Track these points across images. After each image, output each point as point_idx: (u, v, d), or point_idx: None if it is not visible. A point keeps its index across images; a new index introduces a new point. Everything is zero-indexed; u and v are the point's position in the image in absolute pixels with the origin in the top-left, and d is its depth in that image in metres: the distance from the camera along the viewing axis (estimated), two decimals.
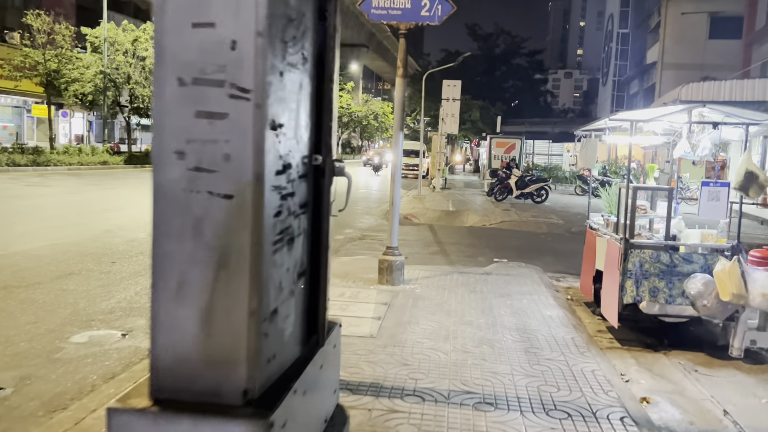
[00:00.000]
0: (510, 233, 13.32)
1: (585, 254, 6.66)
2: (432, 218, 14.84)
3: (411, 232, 12.67)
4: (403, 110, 6.68)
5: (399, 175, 6.76)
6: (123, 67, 29.97)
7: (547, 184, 19.69)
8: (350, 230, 12.52)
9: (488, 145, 24.24)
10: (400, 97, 6.63)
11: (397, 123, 6.65)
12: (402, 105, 6.63)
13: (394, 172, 6.76)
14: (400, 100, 6.62)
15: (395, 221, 6.88)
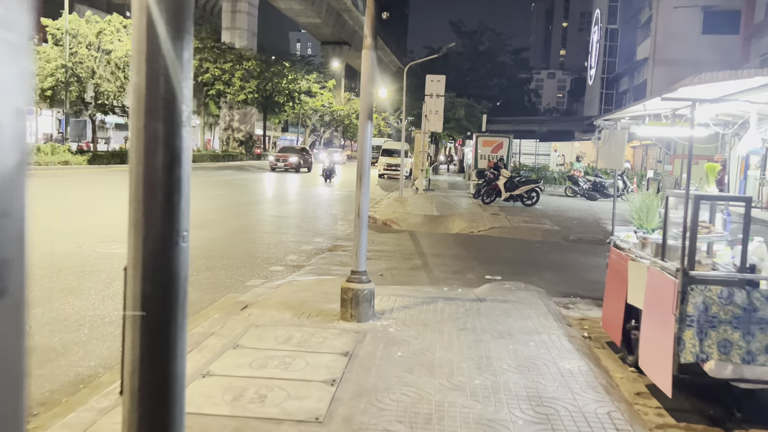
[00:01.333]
0: (501, 242, 11.83)
1: (609, 281, 5.16)
2: (414, 224, 13.32)
3: (390, 241, 11.13)
4: (371, 93, 5.13)
5: (366, 178, 5.21)
6: (86, 60, 28.07)
7: (538, 185, 18.29)
8: (321, 239, 10.96)
9: (474, 143, 22.79)
10: (367, 73, 5.09)
11: (364, 109, 5.11)
12: (369, 84, 5.09)
13: (360, 173, 5.20)
14: (368, 77, 5.07)
15: (362, 237, 5.32)
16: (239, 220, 13.04)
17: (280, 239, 10.77)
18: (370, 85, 5.08)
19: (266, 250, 9.65)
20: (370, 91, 5.08)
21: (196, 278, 7.40)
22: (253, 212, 14.58)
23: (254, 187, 22.57)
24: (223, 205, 15.75)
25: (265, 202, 17.57)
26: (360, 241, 5.27)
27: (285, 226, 12.58)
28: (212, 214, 13.63)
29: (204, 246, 9.53)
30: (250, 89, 40.39)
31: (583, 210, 18.09)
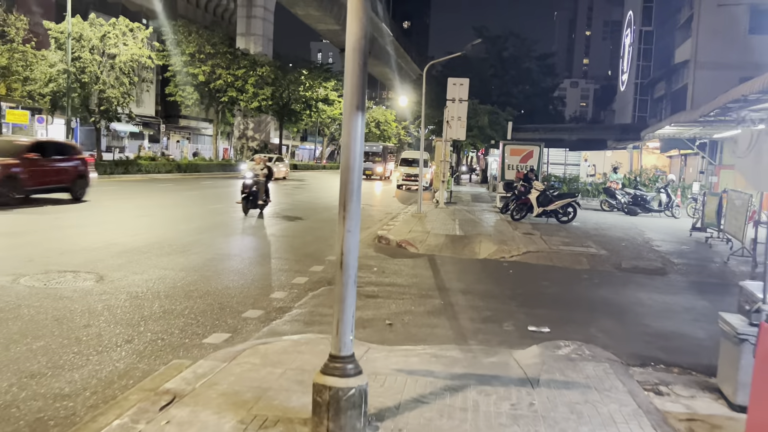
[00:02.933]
0: (540, 271, 9.76)
1: (761, 381, 3.09)
2: (434, 247, 11.30)
3: (404, 270, 9.13)
4: (362, 63, 3.16)
5: (355, 203, 3.24)
6: (90, 65, 26.61)
7: (575, 200, 16.16)
8: (320, 267, 9.01)
9: (501, 152, 20.72)
10: (356, 34, 3.14)
11: (351, 92, 3.15)
12: (358, 53, 3.13)
13: (346, 196, 3.23)
14: (357, 41, 3.12)
15: (347, 302, 3.34)
16: (228, 241, 11.15)
17: (271, 268, 8.83)
18: (359, 55, 3.13)
19: (249, 283, 7.71)
20: (361, 61, 3.13)
21: (138, 332, 5.50)
22: (248, 232, 12.68)
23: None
24: (217, 222, 13.89)
25: (266, 219, 15.70)
26: (344, 308, 3.30)
27: (281, 248, 10.64)
28: (199, 233, 11.78)
29: (173, 279, 7.64)
30: (264, 96, 38.78)
31: (626, 228, 15.90)
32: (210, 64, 37.27)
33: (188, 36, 36.76)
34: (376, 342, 5.51)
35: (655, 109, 36.99)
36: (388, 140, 75.55)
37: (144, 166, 30.30)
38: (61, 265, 8.18)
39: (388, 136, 75.80)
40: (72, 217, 13.27)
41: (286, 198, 22.04)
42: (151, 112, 49.90)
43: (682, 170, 31.41)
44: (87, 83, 26.80)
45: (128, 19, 29.08)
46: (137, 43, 28.34)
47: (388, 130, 75.07)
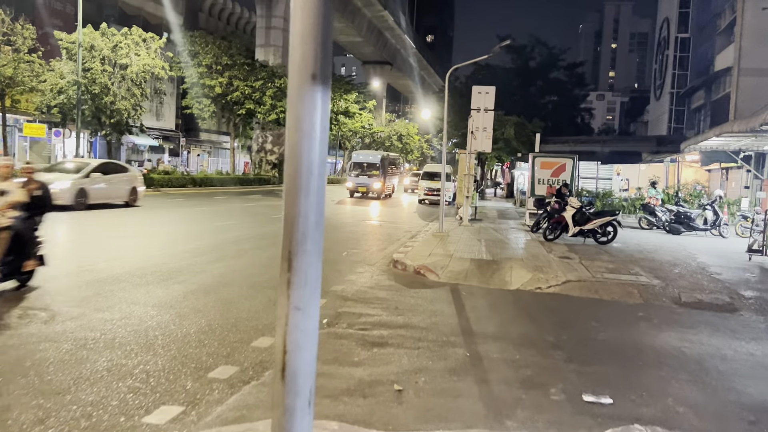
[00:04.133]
0: (585, 307, 8.19)
1: None
2: (457, 273, 9.79)
3: (421, 307, 7.64)
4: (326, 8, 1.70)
5: (311, 257, 1.76)
6: (99, 76, 25.74)
7: (616, 218, 14.50)
8: (321, 301, 7.56)
9: (531, 165, 19.13)
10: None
11: (298, 49, 1.68)
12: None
13: (292, 244, 1.76)
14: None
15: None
16: (224, 266, 9.77)
17: (265, 299, 7.41)
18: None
19: (232, 325, 6.30)
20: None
21: (62, 404, 4.10)
22: (248, 253, 11.31)
23: (271, 216, 19.43)
24: (218, 242, 12.56)
25: (271, 238, 14.34)
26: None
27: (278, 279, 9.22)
28: (194, 256, 10.45)
29: (139, 319, 6.28)
30: (282, 108, 37.70)
31: (674, 250, 14.19)
32: (227, 76, 36.37)
33: (205, 47, 35.93)
34: (379, 422, 4.04)
35: (693, 120, 35.02)
36: (410, 153, 74.14)
37: (156, 181, 29.30)
38: (11, 299, 6.88)
39: (411, 149, 74.48)
40: (48, 235, 12.05)
41: None
42: (171, 126, 49.28)
43: (722, 185, 29.41)
44: (97, 94, 25.91)
45: (148, 31, 28.26)
46: (150, 54, 27.45)
47: (411, 144, 73.73)
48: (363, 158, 33.37)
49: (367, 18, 60.52)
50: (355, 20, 58.18)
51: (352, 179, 31.92)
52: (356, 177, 31.86)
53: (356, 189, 31.56)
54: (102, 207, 18.22)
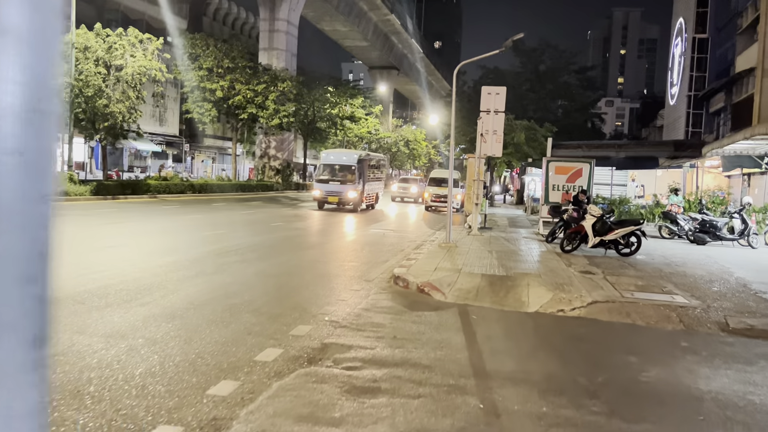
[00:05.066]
0: (618, 336, 6.96)
1: None
2: (466, 292, 8.59)
3: (424, 334, 6.44)
4: None
5: None
6: (93, 78, 24.76)
7: (640, 228, 13.24)
8: (306, 328, 6.40)
9: (544, 170, 17.90)
10: None
11: None
12: None
13: None
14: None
15: None
16: (198, 285, 8.60)
17: (235, 329, 6.21)
18: None
19: (189, 363, 5.12)
20: None
21: None
22: (231, 268, 10.15)
23: (268, 225, 18.30)
24: (202, 254, 11.41)
25: (262, 249, 13.19)
26: None
27: (263, 294, 8.04)
28: (171, 270, 9.30)
29: (78, 356, 5.10)
30: (285, 113, 36.66)
31: (704, 263, 12.91)
32: (228, 79, 35.36)
33: (206, 49, 34.97)
34: None
35: (711, 123, 33.65)
36: (417, 159, 72.95)
37: (153, 187, 28.28)
38: None
39: (418, 155, 73.34)
40: None
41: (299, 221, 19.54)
42: (175, 131, 48.41)
43: (744, 191, 28.04)
44: (91, 97, 24.92)
45: (160, 39, 27.28)
46: (147, 55, 26.48)
47: (418, 149, 72.60)
48: (335, 159, 26.43)
49: (372, 22, 59.56)
50: (361, 24, 57.22)
51: (320, 186, 25.24)
52: (325, 183, 25.35)
53: (325, 199, 25.19)
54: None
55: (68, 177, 24.31)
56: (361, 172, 25.85)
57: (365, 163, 26.88)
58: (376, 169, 30.13)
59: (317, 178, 25.92)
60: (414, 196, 36.32)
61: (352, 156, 26.49)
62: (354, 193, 24.99)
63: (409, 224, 22.48)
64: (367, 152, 29.07)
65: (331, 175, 25.70)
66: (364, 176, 26.22)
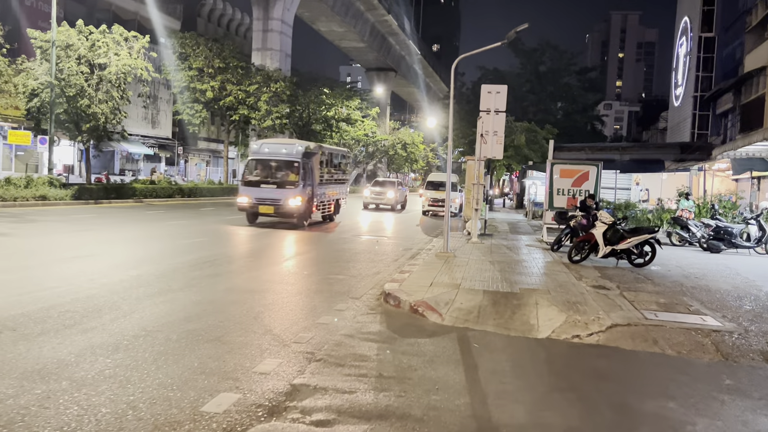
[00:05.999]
0: (647, 369, 5.86)
1: None
2: (466, 312, 7.51)
3: (417, 369, 5.35)
4: None
5: None
6: (74, 78, 23.66)
7: (654, 236, 12.17)
8: (274, 362, 5.31)
9: (548, 174, 16.84)
10: None
11: None
12: None
13: None
14: None
15: None
16: (158, 304, 7.48)
17: (181, 372, 5.08)
18: None
19: (115, 420, 4.03)
20: None
21: None
22: (202, 283, 9.03)
23: (250, 234, 17.21)
24: (172, 266, 10.30)
25: (242, 259, 12.09)
26: None
27: (227, 322, 6.92)
28: (132, 287, 8.20)
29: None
30: (278, 114, 35.57)
31: (726, 275, 11.84)
32: (219, 79, 34.28)
33: (196, 49, 33.88)
34: None
35: (718, 125, 32.61)
36: (415, 163, 71.83)
37: (139, 191, 27.19)
38: None
39: (416, 158, 72.24)
40: None
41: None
42: (168, 134, 47.22)
43: (753, 195, 27.01)
44: (73, 97, 23.83)
45: (146, 37, 26.16)
46: (133, 54, 25.38)
47: (416, 153, 71.50)
48: (270, 152, 18.96)
49: (370, 23, 58.55)
50: (357, 25, 56.20)
51: (248, 191, 18.17)
52: (255, 187, 18.18)
53: (255, 209, 18.17)
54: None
55: (48, 180, 23.21)
56: (310, 171, 18.77)
57: (316, 158, 19.47)
58: (334, 168, 22.35)
59: (244, 179, 18.58)
60: (392, 203, 30.50)
61: (296, 148, 18.72)
62: (297, 200, 17.89)
63: (403, 230, 21.38)
64: (319, 144, 21.16)
65: (265, 175, 18.53)
66: (314, 176, 19.13)
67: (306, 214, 18.70)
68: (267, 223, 19.27)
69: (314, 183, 19.18)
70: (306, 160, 18.66)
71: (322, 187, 20.28)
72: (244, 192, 18.38)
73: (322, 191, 20.17)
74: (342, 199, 23.21)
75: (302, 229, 18.31)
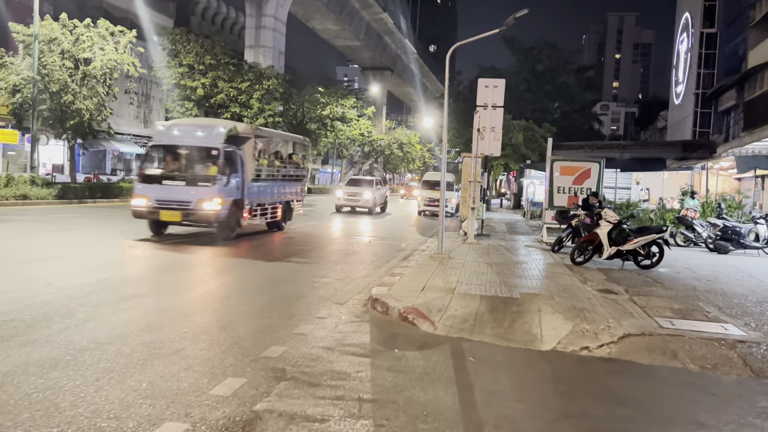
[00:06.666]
0: (669, 389, 5.11)
1: None
2: (462, 320, 6.76)
3: (404, 389, 4.58)
4: None
5: None
6: (57, 73, 22.87)
7: (662, 236, 11.45)
8: (234, 384, 4.54)
9: (549, 171, 16.12)
10: None
11: None
12: None
13: None
14: None
15: None
16: (116, 314, 6.69)
17: (123, 394, 4.30)
18: None
19: None
20: None
21: None
22: (170, 289, 8.25)
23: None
24: (143, 269, 9.52)
25: (217, 264, 11.34)
26: None
27: (191, 332, 6.15)
28: (95, 293, 7.41)
29: None
30: (271, 112, 34.80)
31: (739, 277, 11.13)
32: (210, 76, 33.50)
33: (186, 45, 33.09)
34: None
35: (720, 123, 31.94)
36: (411, 163, 71.10)
37: (126, 190, 26.38)
38: None
39: (412, 158, 71.52)
40: None
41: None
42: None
43: (757, 194, 26.34)
44: (56, 93, 23.04)
45: (141, 35, 25.44)
46: (119, 49, 24.61)
47: (412, 153, 70.78)
48: (180, 135, 13.92)
49: (365, 21, 57.83)
50: (353, 23, 55.48)
51: (146, 190, 13.23)
52: (156, 184, 13.28)
53: (156, 214, 13.22)
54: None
55: (30, 179, 22.40)
56: (238, 163, 13.75)
57: (248, 145, 14.26)
58: (281, 160, 17.04)
59: (141, 173, 13.76)
60: (369, 204, 26.29)
61: (216, 130, 13.73)
62: (215, 203, 12.85)
63: (398, 230, 20.62)
64: (255, 126, 16.69)
65: (171, 169, 13.50)
66: (245, 170, 14.00)
67: (231, 221, 13.52)
68: (180, 235, 14.31)
69: (245, 179, 13.93)
70: (231, 148, 13.55)
71: (261, 185, 15.03)
72: (140, 191, 13.16)
73: (259, 190, 14.91)
74: (296, 202, 17.83)
75: (225, 245, 13.02)
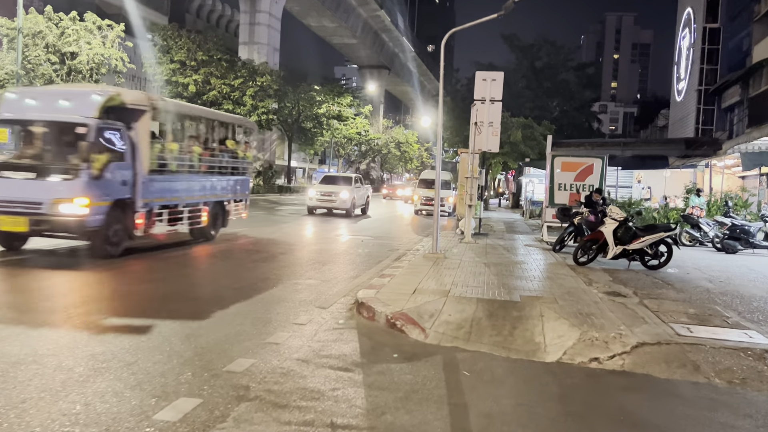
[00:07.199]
0: (693, 410, 4.42)
1: None
2: (456, 327, 6.08)
3: (383, 416, 3.87)
4: None
5: None
6: (41, 66, 22.18)
7: (671, 234, 10.79)
8: (188, 405, 3.83)
9: (549, 168, 15.45)
10: None
11: None
12: None
13: None
14: None
15: None
16: (72, 319, 6.02)
17: (47, 421, 3.62)
18: None
19: None
20: None
21: None
22: (138, 289, 7.56)
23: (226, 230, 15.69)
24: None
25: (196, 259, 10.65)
26: None
27: (149, 341, 5.47)
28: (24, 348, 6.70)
29: None
30: (264, 109, 34.09)
31: (753, 278, 10.47)
32: (203, 73, 32.78)
33: (178, 41, 32.39)
34: None
35: (724, 120, 31.29)
36: (409, 162, 70.40)
37: None
38: None
39: (410, 157, 70.84)
40: None
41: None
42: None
43: (762, 192, 25.68)
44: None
45: (131, 32, 24.74)
46: (107, 43, 23.93)
47: (410, 152, 70.09)
48: (37, 106, 9.91)
49: (362, 18, 57.14)
50: (349, 20, 54.80)
51: None
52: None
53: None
54: None
55: None
56: (124, 146, 9.79)
57: (143, 121, 10.14)
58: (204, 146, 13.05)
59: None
60: (346, 206, 22.95)
61: (88, 98, 9.81)
62: (79, 204, 8.97)
63: (393, 229, 19.92)
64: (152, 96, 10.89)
65: (19, 154, 9.58)
66: (138, 157, 10.03)
67: (112, 231, 9.58)
68: (44, 251, 10.35)
69: (138, 170, 9.97)
70: (112, 125, 9.65)
71: (170, 178, 11.08)
72: None
73: (165, 187, 10.90)
74: (232, 202, 13.80)
75: (105, 267, 8.88)
